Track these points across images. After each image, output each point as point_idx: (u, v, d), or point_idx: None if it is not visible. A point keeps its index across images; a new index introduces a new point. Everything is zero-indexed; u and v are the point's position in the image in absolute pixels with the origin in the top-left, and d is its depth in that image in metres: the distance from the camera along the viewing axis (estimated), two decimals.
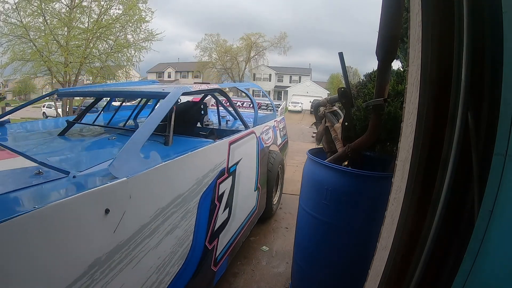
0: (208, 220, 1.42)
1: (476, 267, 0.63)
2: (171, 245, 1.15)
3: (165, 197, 1.10)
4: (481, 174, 0.66)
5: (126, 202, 0.91)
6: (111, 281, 0.87)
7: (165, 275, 1.13)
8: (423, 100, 0.78)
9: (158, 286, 1.09)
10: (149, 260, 1.03)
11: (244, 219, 1.97)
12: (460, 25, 0.69)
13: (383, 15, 1.18)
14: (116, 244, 0.88)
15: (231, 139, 1.67)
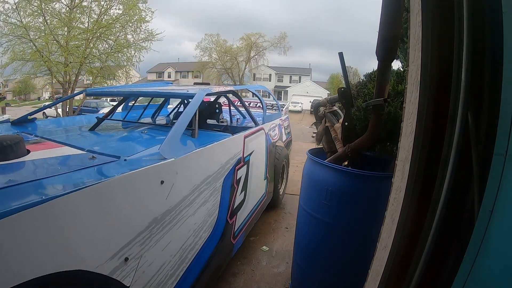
0: (229, 199, 1.69)
1: (476, 267, 0.63)
2: (203, 215, 1.42)
3: (199, 176, 1.37)
4: (481, 174, 0.66)
5: (174, 176, 1.17)
6: (163, 237, 1.12)
7: (198, 239, 1.40)
8: (423, 100, 0.78)
9: (193, 247, 1.35)
10: (188, 225, 1.29)
11: (256, 203, 2.24)
12: (460, 25, 0.69)
13: (383, 15, 1.18)
14: (167, 208, 1.14)
15: (245, 134, 1.95)
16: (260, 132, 2.29)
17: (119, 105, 2.30)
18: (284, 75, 38.64)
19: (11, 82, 31.82)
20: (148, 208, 1.05)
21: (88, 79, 12.85)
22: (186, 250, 1.30)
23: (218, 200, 1.55)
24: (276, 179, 2.83)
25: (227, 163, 1.64)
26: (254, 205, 2.19)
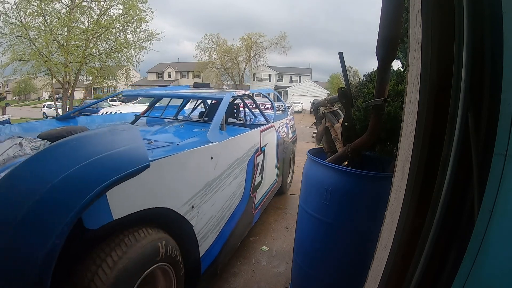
0: (251, 178, 2.13)
1: (476, 267, 0.63)
2: (235, 186, 1.85)
3: (232, 158, 1.78)
4: (481, 174, 0.66)
5: (218, 155, 1.58)
6: (212, 197, 1.53)
7: (232, 203, 1.83)
8: (423, 100, 0.78)
9: (229, 209, 1.79)
10: (226, 191, 1.72)
11: (269, 185, 2.71)
12: (460, 25, 0.69)
13: (383, 15, 1.18)
14: (214, 176, 1.55)
15: (261, 129, 2.39)
16: (271, 129, 2.71)
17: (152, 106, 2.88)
18: (284, 75, 38.63)
19: (11, 82, 31.83)
20: (204, 174, 1.48)
21: (88, 79, 12.85)
22: (225, 210, 1.73)
23: (244, 177, 1.99)
24: (285, 169, 3.27)
25: (249, 150, 2.09)
26: (268, 187, 2.66)
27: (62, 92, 10.02)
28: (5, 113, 9.36)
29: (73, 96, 10.57)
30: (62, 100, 10.06)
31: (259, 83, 38.13)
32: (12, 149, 1.35)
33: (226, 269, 1.97)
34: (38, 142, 1.42)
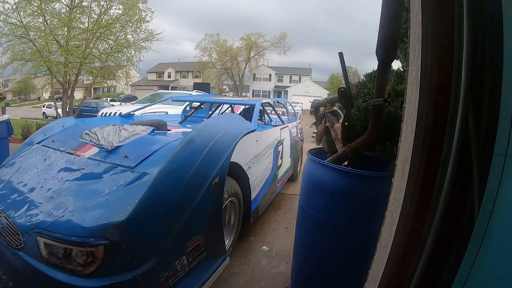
0: (276, 160, 2.91)
1: (476, 267, 0.63)
2: (268, 163, 2.64)
3: (266, 143, 2.58)
4: (481, 174, 0.66)
5: (260, 139, 2.41)
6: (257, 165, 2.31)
7: (266, 173, 2.61)
8: (423, 100, 0.78)
9: (265, 176, 2.58)
10: (263, 164, 2.50)
11: (286, 169, 3.46)
12: (460, 25, 0.69)
13: (383, 15, 1.18)
14: (258, 152, 2.34)
15: (280, 127, 3.23)
16: (286, 128, 3.47)
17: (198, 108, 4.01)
18: (284, 75, 38.61)
19: (11, 82, 31.83)
20: (254, 149, 2.27)
21: (88, 79, 12.84)
22: (263, 176, 2.53)
23: (272, 158, 2.77)
24: (296, 161, 4.06)
25: (274, 140, 2.88)
26: (285, 169, 3.42)
27: (62, 92, 10.01)
28: (5, 113, 9.36)
29: (73, 96, 10.56)
30: (62, 100, 10.04)
31: (259, 83, 38.14)
32: (115, 131, 2.02)
33: (226, 269, 1.98)
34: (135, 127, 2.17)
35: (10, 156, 2.10)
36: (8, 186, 1.65)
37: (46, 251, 1.20)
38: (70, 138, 2.07)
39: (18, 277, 1.28)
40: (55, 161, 1.77)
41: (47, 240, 1.20)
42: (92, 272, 1.14)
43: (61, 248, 1.17)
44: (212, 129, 1.71)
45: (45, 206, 1.36)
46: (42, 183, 1.57)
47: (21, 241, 1.26)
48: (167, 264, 1.28)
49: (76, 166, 1.66)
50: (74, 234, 1.16)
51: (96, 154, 1.75)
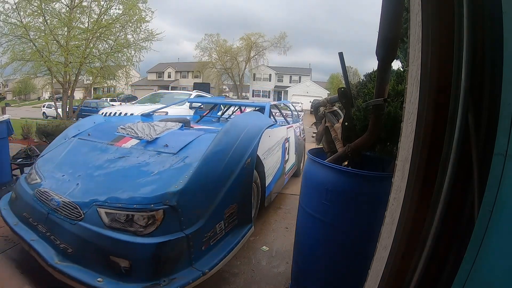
0: (284, 155, 3.17)
1: (476, 267, 0.63)
2: (278, 156, 2.91)
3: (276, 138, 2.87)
4: (481, 174, 0.66)
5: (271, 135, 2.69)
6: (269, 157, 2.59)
7: (276, 165, 2.88)
8: (423, 100, 0.78)
9: (275, 168, 2.83)
10: (274, 157, 2.78)
11: (291, 164, 3.74)
12: (460, 25, 0.70)
13: (383, 15, 1.18)
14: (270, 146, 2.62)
15: (287, 126, 3.55)
16: (291, 128, 3.76)
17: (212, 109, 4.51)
18: (284, 75, 38.60)
19: (11, 82, 31.83)
20: (267, 143, 2.49)
21: (88, 79, 12.85)
22: (274, 167, 2.78)
23: (281, 153, 3.03)
24: (299, 158, 4.31)
25: (283, 137, 3.15)
26: (291, 164, 3.71)
27: (62, 92, 10.01)
28: (5, 113, 9.37)
29: (73, 96, 10.57)
30: (62, 100, 10.05)
31: (259, 83, 38.14)
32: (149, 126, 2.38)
33: (226, 269, 1.98)
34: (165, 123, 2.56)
35: (48, 147, 2.35)
36: (55, 172, 1.93)
37: (108, 219, 1.48)
38: (104, 132, 2.40)
39: (78, 243, 1.49)
40: (97, 150, 2.10)
41: (108, 210, 1.48)
42: (152, 232, 1.42)
43: (123, 215, 1.45)
44: (242, 122, 2.15)
45: (98, 185, 1.69)
46: (89, 168, 1.88)
47: (81, 213, 1.52)
48: (210, 226, 1.60)
49: (119, 154, 1.98)
50: (135, 203, 1.46)
51: (138, 144, 2.09)
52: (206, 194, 1.61)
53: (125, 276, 1.39)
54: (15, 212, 1.85)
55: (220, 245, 1.68)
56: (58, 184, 1.78)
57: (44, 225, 1.61)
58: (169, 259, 1.44)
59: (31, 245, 1.55)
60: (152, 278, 1.40)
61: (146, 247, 1.40)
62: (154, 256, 1.41)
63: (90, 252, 1.47)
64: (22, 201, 1.83)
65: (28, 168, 3.39)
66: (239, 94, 34.13)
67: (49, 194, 1.69)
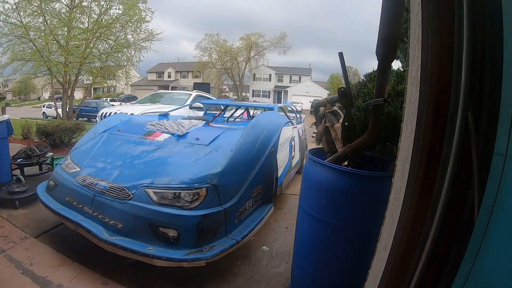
0: (290, 152, 3.35)
1: (476, 267, 0.63)
2: (286, 152, 3.06)
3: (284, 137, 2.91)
4: (481, 174, 0.66)
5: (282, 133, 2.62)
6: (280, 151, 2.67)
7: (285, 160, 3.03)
8: (423, 100, 0.78)
9: (284, 162, 2.97)
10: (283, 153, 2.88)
11: (296, 161, 3.92)
12: (460, 25, 0.69)
13: (383, 15, 1.18)
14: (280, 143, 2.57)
15: (292, 126, 3.65)
16: (296, 128, 4.01)
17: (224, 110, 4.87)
18: (284, 75, 38.56)
19: (11, 82, 31.82)
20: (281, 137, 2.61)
21: (88, 79, 12.84)
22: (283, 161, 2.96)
23: (288, 149, 3.21)
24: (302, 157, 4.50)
25: (289, 136, 3.32)
26: (296, 161, 3.88)
27: (62, 92, 10.01)
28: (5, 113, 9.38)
29: (73, 96, 10.56)
30: (62, 100, 10.04)
31: (259, 83, 38.12)
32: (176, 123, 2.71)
33: (226, 269, 1.97)
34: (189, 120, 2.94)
35: (80, 141, 2.59)
36: (93, 162, 2.17)
37: (156, 197, 1.74)
38: (134, 128, 2.70)
39: (128, 219, 1.72)
40: (131, 143, 2.37)
41: (156, 190, 1.75)
42: (197, 206, 1.71)
43: (171, 193, 1.74)
44: (265, 119, 2.54)
45: (140, 171, 1.96)
46: (127, 158, 2.14)
47: (129, 194, 1.77)
48: (241, 203, 1.93)
49: (155, 146, 2.27)
50: (181, 183, 1.77)
51: (170, 138, 2.40)
52: (239, 176, 1.95)
53: (173, 244, 1.65)
54: (56, 197, 2.06)
55: (249, 219, 2.02)
56: (100, 171, 2.03)
57: (90, 206, 1.83)
58: (210, 229, 1.72)
59: (80, 224, 1.75)
60: (195, 245, 1.66)
61: (192, 218, 1.67)
62: (198, 226, 1.67)
63: (140, 226, 1.69)
64: (63, 188, 2.06)
65: (28, 168, 3.41)
66: (239, 94, 34.11)
67: (92, 180, 1.94)
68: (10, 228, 2.30)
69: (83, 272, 1.81)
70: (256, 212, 2.12)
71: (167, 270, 1.89)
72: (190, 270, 1.91)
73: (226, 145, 2.10)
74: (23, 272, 1.76)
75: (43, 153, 3.50)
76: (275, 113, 3.17)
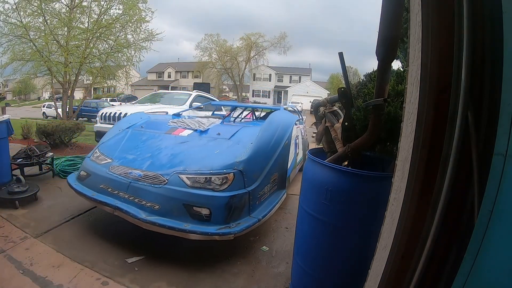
0: (296, 149, 3.54)
1: (476, 267, 0.63)
2: (292, 149, 3.11)
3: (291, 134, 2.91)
4: (481, 174, 0.66)
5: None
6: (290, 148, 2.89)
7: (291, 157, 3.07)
8: (423, 100, 0.78)
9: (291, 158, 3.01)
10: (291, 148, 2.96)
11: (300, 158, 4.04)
12: (460, 25, 0.69)
13: (383, 15, 1.18)
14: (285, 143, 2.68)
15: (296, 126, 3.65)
16: (299, 128, 4.20)
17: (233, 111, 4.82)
18: (284, 75, 38.54)
19: (11, 82, 31.79)
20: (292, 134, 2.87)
21: (88, 79, 12.84)
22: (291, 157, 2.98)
23: (294, 147, 3.33)
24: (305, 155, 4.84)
25: (294, 135, 3.35)
26: (300, 158, 3.98)
27: (62, 92, 10.00)
28: (5, 113, 9.38)
29: (73, 96, 10.56)
30: (62, 100, 10.04)
31: (259, 83, 38.10)
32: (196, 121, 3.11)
33: (226, 269, 1.97)
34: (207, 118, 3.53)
35: (105, 136, 2.83)
36: (123, 154, 2.46)
37: (189, 181, 2.02)
38: (157, 125, 3.01)
39: (164, 201, 1.98)
40: (157, 138, 2.67)
41: (188, 176, 2.04)
42: (226, 188, 2.00)
43: (203, 177, 2.02)
44: (279, 117, 2.88)
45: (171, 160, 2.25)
46: (156, 150, 2.43)
47: (164, 179, 2.04)
48: (261, 187, 2.24)
49: (180, 140, 2.58)
50: (211, 169, 2.06)
51: (193, 133, 2.72)
52: (260, 164, 2.26)
53: (205, 221, 1.92)
54: (89, 186, 2.30)
55: (267, 202, 2.36)
56: (132, 162, 2.31)
57: (126, 192, 2.08)
58: (236, 208, 2.00)
59: (118, 207, 2.00)
60: (225, 222, 1.94)
61: (222, 199, 1.95)
62: (227, 205, 1.95)
63: (175, 206, 1.96)
64: (97, 177, 2.29)
65: (28, 168, 3.41)
66: (239, 94, 34.10)
67: (126, 169, 2.22)
68: (10, 228, 2.30)
69: (83, 272, 1.81)
70: (272, 196, 2.47)
71: (167, 269, 1.89)
72: (190, 269, 1.91)
73: (245, 139, 2.41)
74: (23, 272, 1.76)
75: (43, 153, 3.50)
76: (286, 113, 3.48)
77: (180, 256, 2.09)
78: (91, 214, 2.65)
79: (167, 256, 2.06)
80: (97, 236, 2.28)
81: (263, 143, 2.35)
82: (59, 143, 5.13)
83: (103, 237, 2.26)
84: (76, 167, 3.80)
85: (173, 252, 2.11)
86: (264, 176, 2.26)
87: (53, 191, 3.19)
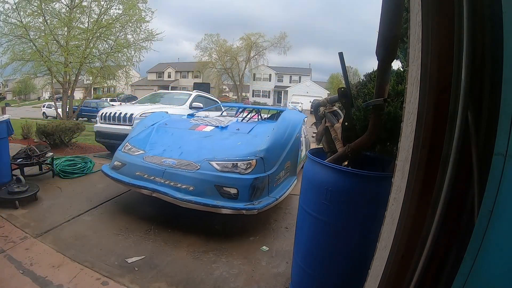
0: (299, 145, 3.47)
1: (476, 267, 0.63)
2: (297, 143, 3.28)
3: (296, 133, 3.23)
4: (481, 174, 0.66)
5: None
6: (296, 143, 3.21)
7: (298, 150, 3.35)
8: (423, 100, 0.78)
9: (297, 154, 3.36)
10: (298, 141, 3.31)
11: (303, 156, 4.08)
12: (460, 25, 0.69)
13: (383, 15, 1.18)
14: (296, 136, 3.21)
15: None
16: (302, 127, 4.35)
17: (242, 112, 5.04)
18: (284, 75, 38.53)
19: (11, 82, 31.79)
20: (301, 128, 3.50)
21: (88, 79, 12.84)
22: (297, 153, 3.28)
23: (299, 142, 3.43)
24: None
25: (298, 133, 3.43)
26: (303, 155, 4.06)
27: (62, 92, 10.01)
28: (5, 113, 9.36)
29: (73, 96, 10.56)
30: (62, 100, 10.05)
31: (259, 83, 38.10)
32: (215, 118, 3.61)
33: (226, 269, 1.97)
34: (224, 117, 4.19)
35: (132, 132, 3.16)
36: (154, 146, 2.83)
37: (219, 167, 2.41)
38: (180, 122, 3.50)
39: (198, 183, 2.35)
40: (182, 133, 3.06)
41: (218, 162, 2.43)
42: (250, 172, 2.39)
43: (230, 163, 2.42)
44: (290, 115, 3.36)
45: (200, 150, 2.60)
46: (184, 142, 2.81)
47: (197, 166, 2.44)
48: (278, 172, 2.65)
49: (204, 135, 2.98)
50: (237, 156, 2.46)
51: (215, 129, 3.13)
52: (276, 153, 2.67)
53: (233, 199, 2.30)
54: (125, 174, 2.62)
55: (281, 185, 2.78)
56: (164, 152, 2.68)
57: (161, 177, 2.43)
58: (258, 189, 2.39)
59: (156, 189, 2.34)
60: (249, 199, 2.32)
61: (247, 180, 2.34)
62: (251, 185, 2.33)
63: (208, 187, 2.33)
64: (132, 166, 2.63)
65: (28, 168, 3.41)
66: (239, 94, 34.10)
67: (160, 158, 2.59)
68: (10, 228, 2.30)
69: (83, 272, 1.81)
70: (286, 180, 2.90)
71: (167, 269, 1.89)
72: (190, 269, 1.91)
73: (262, 133, 2.82)
74: (23, 272, 1.76)
75: (43, 153, 3.50)
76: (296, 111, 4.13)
77: (180, 256, 2.09)
78: (91, 214, 2.66)
79: (167, 256, 2.06)
80: (97, 236, 2.28)
81: (279, 135, 2.76)
82: (59, 143, 5.14)
83: (103, 237, 2.26)
84: (76, 167, 3.80)
85: (173, 252, 2.11)
86: (279, 163, 2.66)
87: (53, 191, 3.19)
